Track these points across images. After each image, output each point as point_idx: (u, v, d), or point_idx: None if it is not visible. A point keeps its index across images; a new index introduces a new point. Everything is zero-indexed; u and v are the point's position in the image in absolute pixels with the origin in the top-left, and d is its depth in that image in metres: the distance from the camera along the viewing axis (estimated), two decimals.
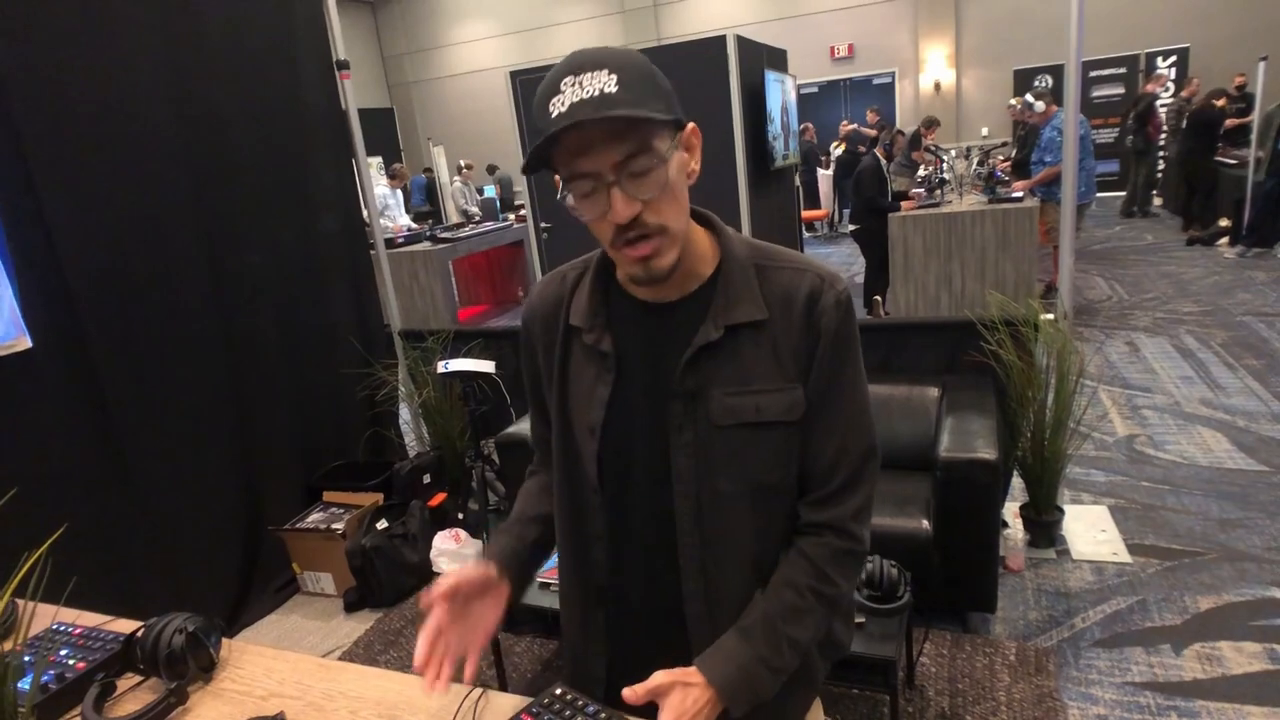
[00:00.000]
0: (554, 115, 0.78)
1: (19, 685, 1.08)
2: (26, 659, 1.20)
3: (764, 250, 0.97)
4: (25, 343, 2.29)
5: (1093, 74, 10.88)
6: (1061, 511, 2.82)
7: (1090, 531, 2.85)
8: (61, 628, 1.29)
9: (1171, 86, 9.83)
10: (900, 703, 1.88)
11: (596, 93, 0.77)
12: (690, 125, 0.88)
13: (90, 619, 1.34)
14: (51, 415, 2.37)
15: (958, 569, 2.30)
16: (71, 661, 1.19)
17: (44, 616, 1.33)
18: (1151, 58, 10.75)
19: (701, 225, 0.96)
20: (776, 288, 0.93)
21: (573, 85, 0.78)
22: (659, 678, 0.86)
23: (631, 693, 0.84)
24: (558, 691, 0.97)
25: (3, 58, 2.22)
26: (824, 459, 0.95)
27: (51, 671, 1.16)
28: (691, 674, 0.88)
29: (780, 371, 0.92)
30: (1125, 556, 2.68)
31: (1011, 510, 2.88)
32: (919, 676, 2.20)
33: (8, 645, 0.95)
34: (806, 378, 0.92)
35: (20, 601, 1.26)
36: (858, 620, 1.89)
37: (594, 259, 1.01)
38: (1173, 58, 10.64)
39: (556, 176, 0.87)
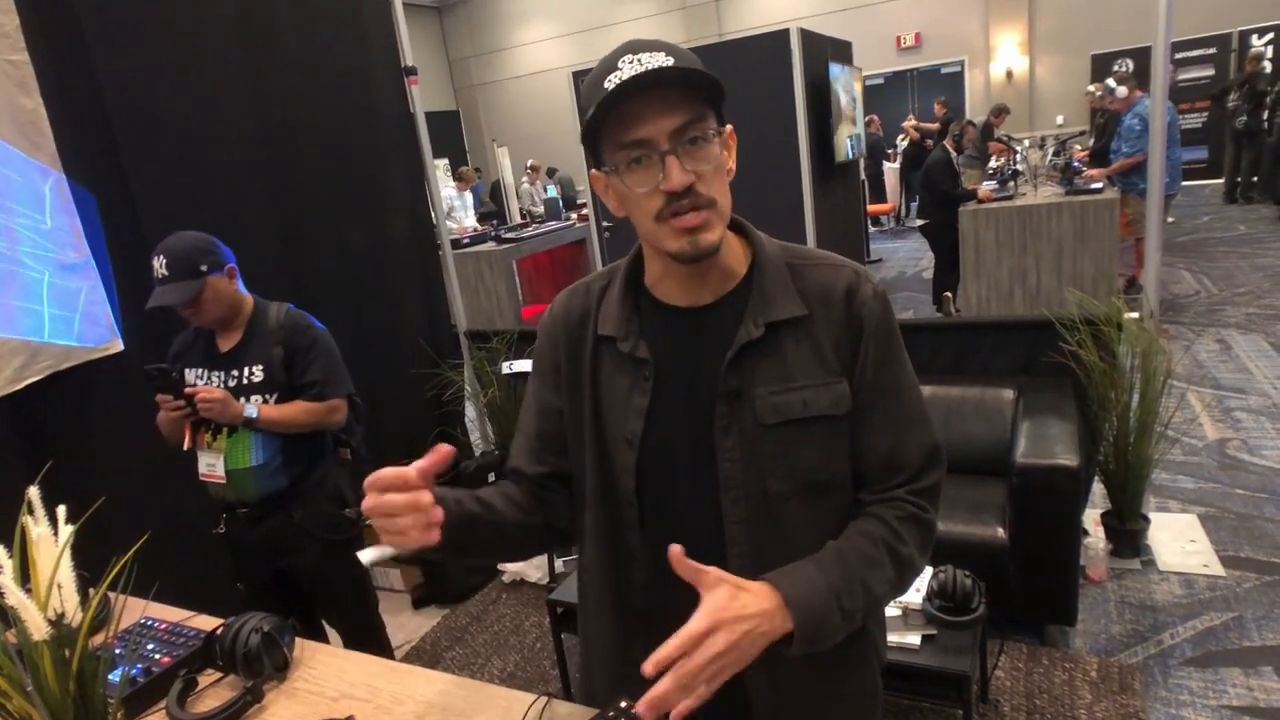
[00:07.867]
0: (611, 89, 0.79)
1: (110, 677, 1.13)
2: (118, 651, 1.26)
3: (795, 250, 0.97)
4: (118, 345, 2.41)
5: (1179, 56, 10.29)
6: (1146, 520, 2.68)
7: (1178, 541, 2.70)
8: (149, 623, 1.35)
9: (1268, 66, 9.21)
10: (974, 718, 1.82)
11: (655, 66, 0.79)
12: (729, 126, 0.88)
13: (175, 614, 1.40)
14: (140, 418, 2.48)
15: (1035, 579, 2.21)
16: (158, 656, 1.24)
17: (134, 610, 1.39)
18: (1245, 36, 10.13)
19: (731, 229, 0.95)
20: (813, 284, 0.92)
21: (631, 63, 0.80)
22: (711, 570, 0.78)
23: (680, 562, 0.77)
24: (623, 704, 0.96)
25: (105, 72, 2.32)
26: (877, 455, 0.92)
27: (139, 665, 1.21)
28: (749, 582, 0.81)
29: (823, 367, 0.90)
30: (1218, 569, 2.53)
31: (1092, 517, 2.75)
32: (993, 691, 2.12)
33: (100, 639, 0.99)
34: (851, 372, 0.91)
35: (113, 595, 1.32)
36: (929, 632, 1.84)
37: (620, 268, 0.99)
38: (1269, 35, 10.00)
39: (593, 171, 0.88)
